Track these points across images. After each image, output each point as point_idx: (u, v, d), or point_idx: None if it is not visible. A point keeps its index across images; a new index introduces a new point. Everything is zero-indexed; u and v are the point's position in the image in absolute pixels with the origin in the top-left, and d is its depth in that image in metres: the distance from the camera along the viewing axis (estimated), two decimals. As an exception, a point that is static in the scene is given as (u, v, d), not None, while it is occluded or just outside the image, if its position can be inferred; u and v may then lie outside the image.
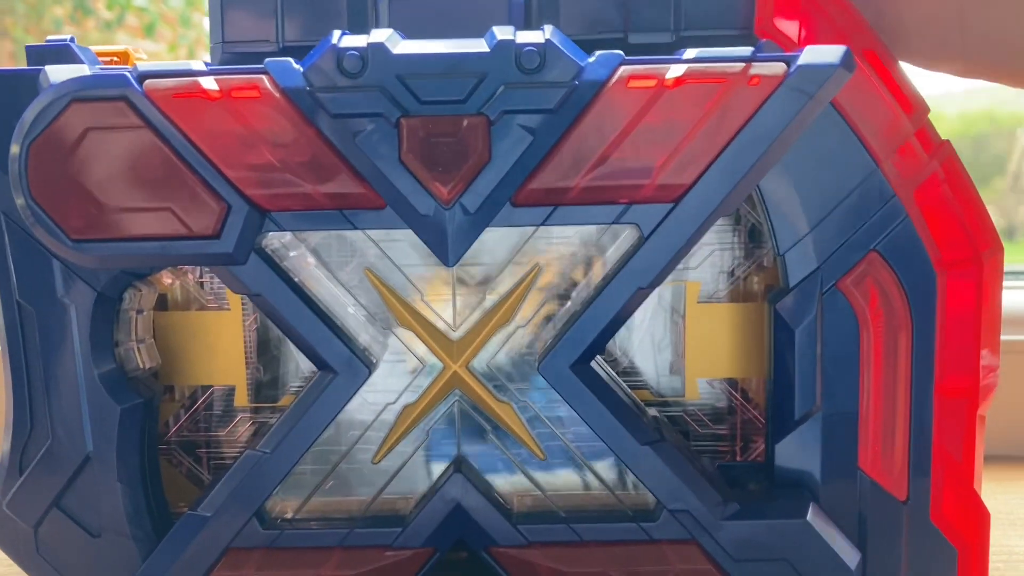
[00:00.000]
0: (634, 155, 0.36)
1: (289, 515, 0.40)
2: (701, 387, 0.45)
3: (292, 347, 0.45)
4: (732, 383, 0.45)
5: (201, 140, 0.36)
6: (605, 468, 0.40)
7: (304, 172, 0.36)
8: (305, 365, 0.45)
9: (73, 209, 0.36)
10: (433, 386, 0.39)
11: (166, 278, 0.45)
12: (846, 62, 0.35)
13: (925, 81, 0.40)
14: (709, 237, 0.44)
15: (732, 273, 0.44)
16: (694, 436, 0.45)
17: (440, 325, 0.39)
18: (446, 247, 0.36)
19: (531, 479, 0.40)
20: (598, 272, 0.39)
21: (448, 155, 0.35)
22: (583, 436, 0.39)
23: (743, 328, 0.43)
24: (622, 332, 0.45)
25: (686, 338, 0.44)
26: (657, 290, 0.44)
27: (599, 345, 0.38)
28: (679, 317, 0.44)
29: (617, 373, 0.44)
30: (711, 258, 0.44)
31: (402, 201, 0.36)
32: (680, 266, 0.44)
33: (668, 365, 0.45)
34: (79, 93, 0.35)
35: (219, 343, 0.44)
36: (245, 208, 0.36)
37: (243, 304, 0.44)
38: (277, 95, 0.35)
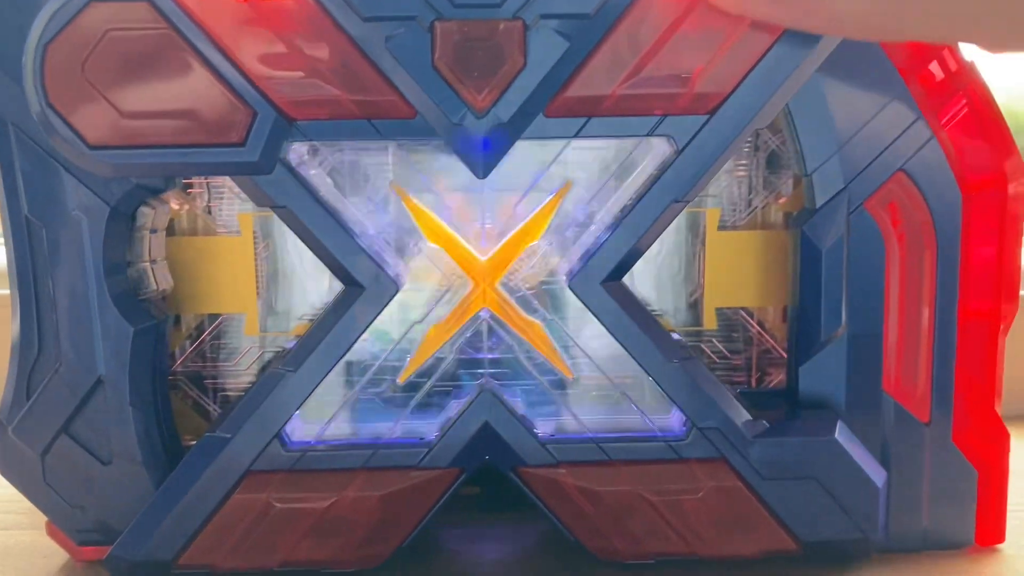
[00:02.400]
0: (670, 64, 0.35)
1: (312, 440, 0.39)
2: (721, 318, 0.45)
3: (302, 277, 0.44)
4: (748, 315, 0.45)
5: (228, 43, 0.35)
6: (634, 388, 0.39)
7: (333, 78, 0.35)
8: (315, 297, 0.44)
9: (91, 114, 0.35)
10: (462, 304, 0.38)
11: (173, 203, 0.43)
12: (882, -26, 0.35)
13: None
14: (727, 164, 0.44)
15: (750, 202, 0.44)
16: (711, 366, 0.45)
17: (467, 242, 0.38)
18: (479, 157, 0.36)
19: (559, 400, 0.39)
20: (630, 188, 0.38)
21: (482, 60, 0.35)
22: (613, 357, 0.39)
23: (763, 256, 0.43)
24: (638, 263, 0.45)
25: (705, 266, 0.44)
26: (679, 217, 0.44)
27: (631, 261, 0.38)
28: (698, 246, 0.44)
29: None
30: (728, 185, 0.44)
31: (433, 109, 0.35)
32: (701, 192, 0.43)
33: (685, 296, 0.45)
34: (99, -8, 0.34)
35: (230, 270, 0.43)
36: (272, 115, 0.35)
37: (255, 230, 0.43)
38: (307, -4, 0.34)
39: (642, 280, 0.44)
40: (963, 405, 0.40)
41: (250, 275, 0.43)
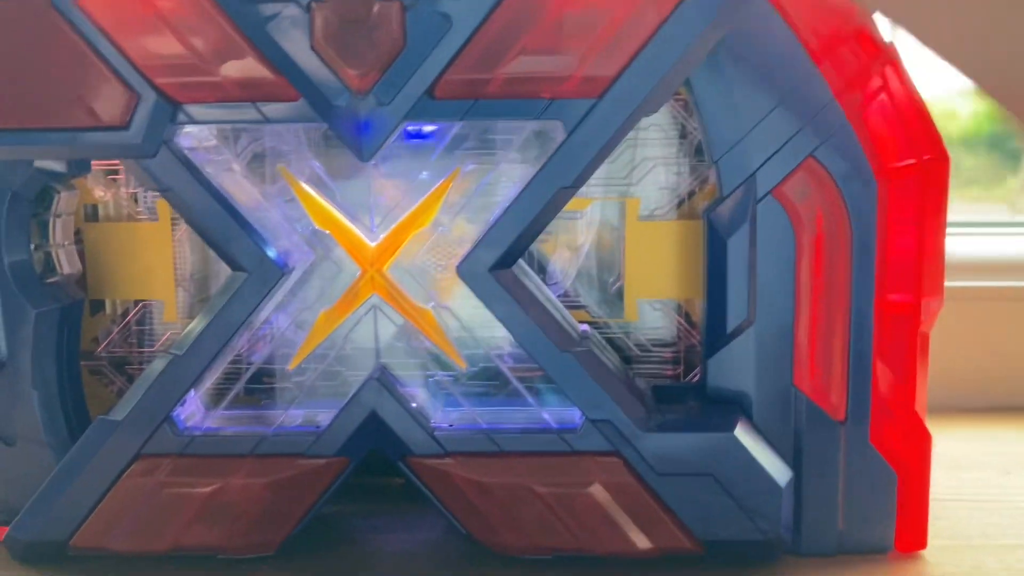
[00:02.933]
0: (556, 44, 0.34)
1: (203, 425, 0.39)
2: (646, 311, 0.44)
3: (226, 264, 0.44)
4: (677, 308, 0.44)
5: (110, 27, 0.35)
6: (528, 380, 0.38)
7: (215, 61, 0.35)
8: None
9: (-22, 96, 0.35)
10: (351, 290, 0.38)
11: (98, 191, 0.44)
12: (776, -49, 0.34)
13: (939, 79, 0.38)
14: (652, 152, 0.43)
15: (676, 191, 0.43)
16: (635, 360, 0.44)
17: (358, 228, 0.38)
18: (361, 140, 0.35)
19: (449, 390, 0.39)
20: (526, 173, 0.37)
21: (361, 42, 0.34)
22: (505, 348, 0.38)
23: (686, 247, 0.42)
24: (564, 253, 0.44)
25: (625, 257, 0.43)
26: (598, 208, 0.43)
27: (520, 247, 0.37)
28: (620, 236, 0.43)
29: (558, 297, 0.43)
30: (653, 174, 0.43)
31: (315, 91, 0.35)
32: (622, 180, 0.42)
33: (609, 288, 0.44)
34: (-18, -27, 0.34)
35: (148, 256, 0.43)
36: (154, 97, 0.35)
37: (173, 217, 0.43)
38: (186, -22, 0.34)
39: (565, 271, 0.44)
40: (881, 403, 0.38)
41: (168, 261, 0.43)
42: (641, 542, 0.37)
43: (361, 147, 0.35)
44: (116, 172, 0.44)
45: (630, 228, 0.42)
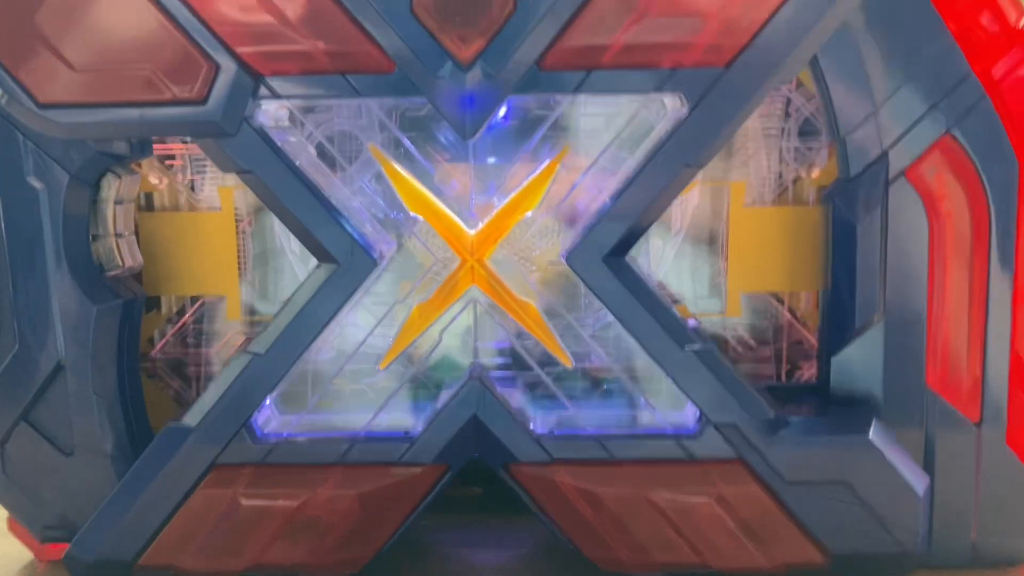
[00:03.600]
0: (680, 9, 0.31)
1: (284, 433, 0.35)
2: (745, 307, 0.41)
3: (291, 258, 0.41)
4: (779, 301, 0.41)
5: (186, -11, 0.31)
6: (644, 380, 0.35)
7: (302, 27, 0.32)
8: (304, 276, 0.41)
9: (41, 69, 0.32)
10: (448, 282, 0.34)
11: (153, 177, 0.40)
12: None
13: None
14: (755, 133, 0.39)
15: (780, 175, 0.40)
16: (735, 358, 0.41)
17: (455, 214, 0.34)
18: (464, 115, 0.32)
19: (555, 390, 0.35)
20: (638, 152, 0.34)
21: (468, 6, 0.31)
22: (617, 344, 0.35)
23: (794, 235, 0.39)
24: (655, 243, 0.41)
25: (728, 246, 0.39)
26: (696, 194, 0.40)
27: (636, 233, 0.33)
28: (720, 224, 0.40)
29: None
30: (756, 157, 0.40)
31: (413, 62, 0.32)
32: (721, 165, 0.39)
33: (707, 280, 0.41)
34: (48, -65, 0.31)
35: (210, 248, 0.40)
36: (235, 68, 0.32)
37: (237, 206, 0.40)
38: (274, -64, 0.31)
39: (659, 262, 0.40)
40: (1019, 402, 0.35)
41: (231, 254, 0.40)
42: (767, 556, 0.34)
43: (465, 124, 0.32)
44: (172, 157, 0.40)
45: (735, 214, 0.39)
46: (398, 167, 0.34)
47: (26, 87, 0.32)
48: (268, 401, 0.35)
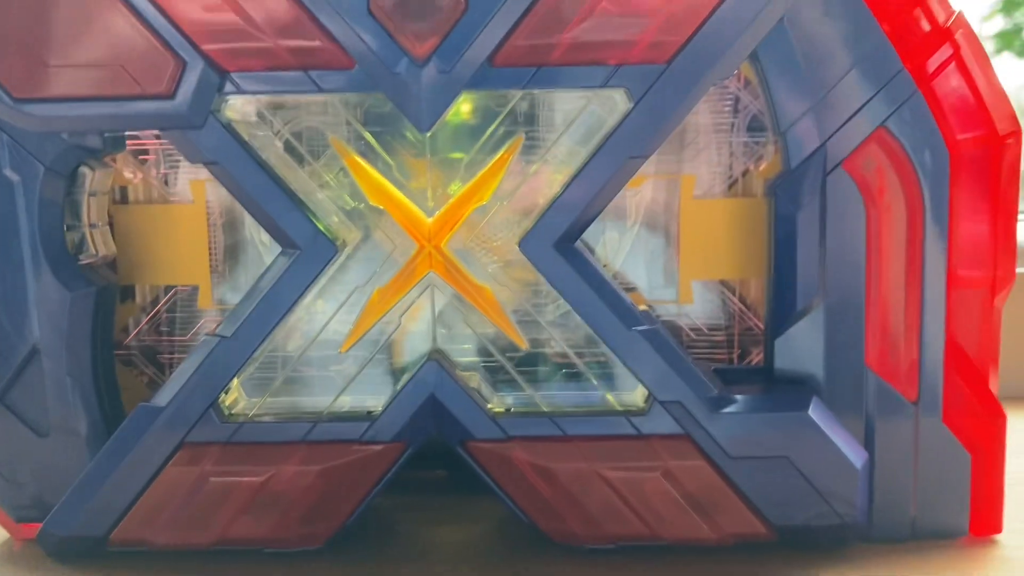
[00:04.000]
0: (624, 9, 0.33)
1: (250, 413, 0.37)
2: (697, 294, 0.42)
3: (260, 249, 0.42)
4: (730, 290, 0.42)
5: (155, -11, 0.33)
6: (592, 361, 0.37)
7: (266, 26, 0.33)
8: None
9: (15, 64, 0.33)
10: (407, 267, 0.36)
11: (127, 171, 0.42)
12: (853, -92, 0.32)
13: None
14: (705, 128, 0.41)
15: (730, 168, 0.42)
16: (688, 344, 0.42)
17: (414, 203, 0.36)
18: (420, 109, 0.34)
19: (511, 372, 0.37)
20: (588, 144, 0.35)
21: (422, 5, 0.33)
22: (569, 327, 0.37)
23: (742, 225, 0.41)
24: (611, 235, 0.43)
25: (680, 236, 0.41)
26: (650, 186, 0.42)
27: (585, 221, 0.35)
28: (672, 216, 0.42)
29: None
30: (707, 151, 0.41)
31: (372, 59, 0.33)
32: (674, 159, 0.41)
33: (661, 270, 0.42)
34: (22, -63, 0.33)
35: (182, 239, 0.41)
36: (201, 65, 0.33)
37: (208, 199, 0.41)
38: (237, -61, 0.33)
39: (614, 253, 0.42)
40: (954, 383, 0.37)
41: (203, 245, 0.42)
42: (712, 528, 0.36)
43: (421, 117, 0.34)
44: (146, 152, 0.42)
45: (685, 206, 0.41)
46: (358, 158, 0.36)
47: (1, 83, 0.33)
48: (235, 383, 0.37)
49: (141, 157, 0.42)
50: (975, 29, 0.37)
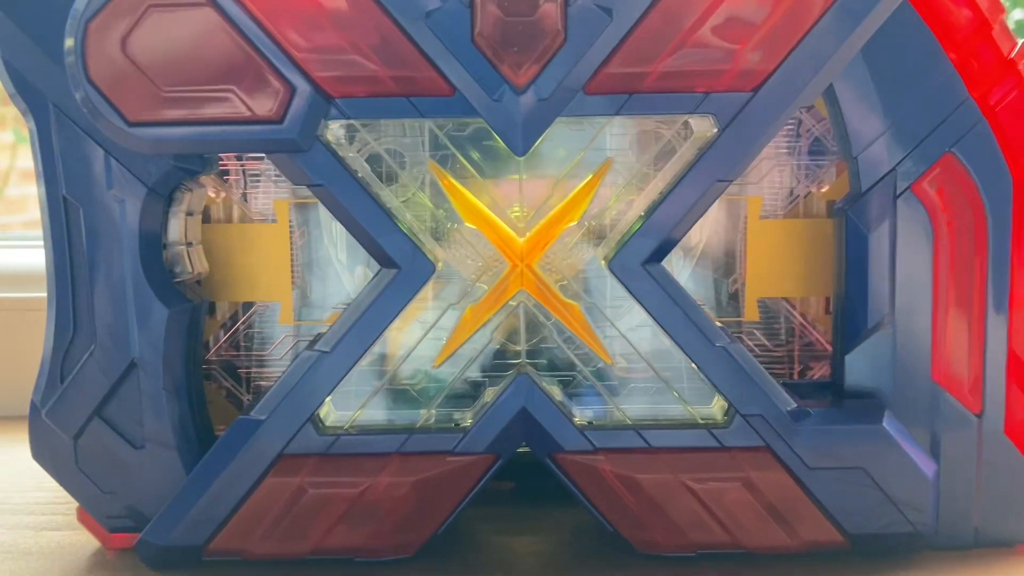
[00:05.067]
0: (714, 39, 0.35)
1: (345, 425, 0.38)
2: (760, 309, 0.44)
3: (337, 267, 0.44)
4: (791, 307, 0.44)
5: (267, 19, 0.34)
6: (676, 376, 0.38)
7: (371, 54, 0.35)
8: (351, 286, 0.44)
9: (132, 90, 0.35)
10: (499, 285, 0.37)
11: (211, 190, 0.43)
12: (927, -48, 0.34)
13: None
14: (768, 151, 0.43)
15: (792, 190, 0.43)
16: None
17: (506, 223, 0.38)
18: (518, 135, 0.35)
19: (597, 385, 0.39)
20: (671, 169, 0.37)
21: (523, 36, 0.34)
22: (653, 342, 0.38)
23: (806, 245, 0.42)
24: (676, 254, 0.44)
25: (747, 255, 0.43)
26: (715, 207, 0.43)
27: (672, 242, 0.37)
28: (736, 235, 0.43)
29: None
30: (770, 174, 0.43)
31: (472, 86, 0.35)
32: (737, 180, 0.43)
33: (725, 288, 0.44)
34: (140, -30, 0.34)
35: (265, 257, 0.43)
36: (310, 91, 0.35)
37: (290, 218, 0.43)
38: (347, -28, 0.34)
39: (681, 270, 0.44)
40: (1016, 396, 0.39)
41: (285, 263, 0.43)
42: (791, 536, 0.37)
43: (518, 142, 0.35)
44: (227, 173, 0.43)
45: (752, 226, 0.43)
46: (454, 180, 0.37)
47: (118, 107, 0.35)
48: (330, 397, 0.38)
49: (224, 177, 0.43)
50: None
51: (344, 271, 0.44)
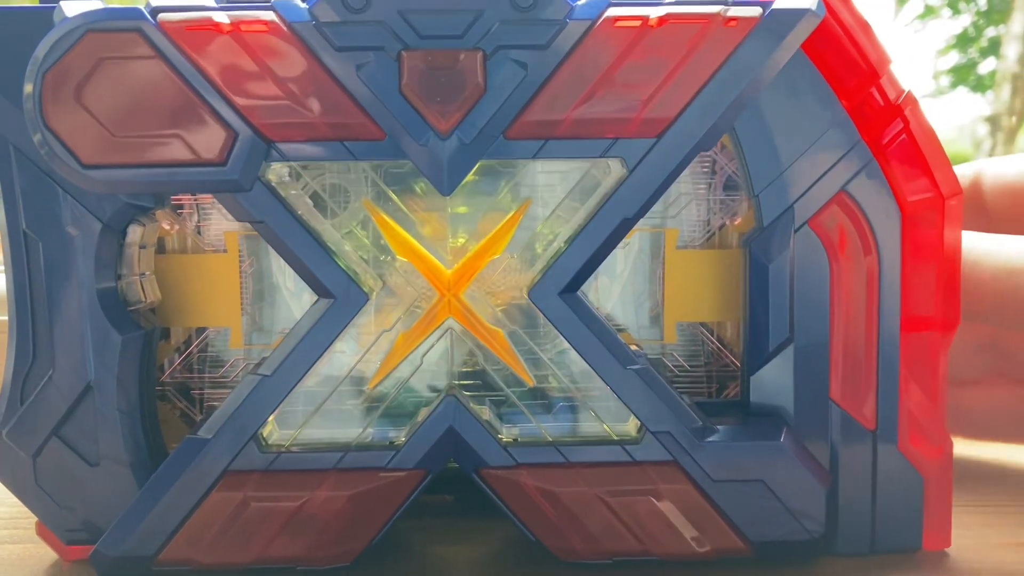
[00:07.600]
0: (620, 91, 0.38)
1: (286, 444, 0.41)
2: (679, 335, 0.47)
3: (285, 294, 0.47)
4: (708, 330, 0.47)
5: (211, 70, 0.37)
6: (602, 396, 0.42)
7: (308, 103, 0.38)
8: (297, 312, 0.47)
9: (86, 135, 0.38)
10: (428, 314, 0.41)
11: (165, 223, 0.46)
12: (817, 8, 0.38)
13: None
14: (686, 187, 0.46)
15: (708, 222, 0.47)
16: (672, 379, 0.47)
17: (435, 257, 0.41)
18: (443, 177, 0.38)
19: (519, 405, 0.42)
20: (594, 201, 0.40)
21: (446, 87, 0.38)
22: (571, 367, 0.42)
23: (719, 274, 0.46)
24: (603, 281, 0.47)
25: (665, 282, 0.46)
26: (637, 239, 0.47)
27: (586, 273, 0.40)
28: (658, 264, 0.47)
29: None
30: (688, 208, 0.47)
31: (401, 132, 0.38)
32: (659, 214, 0.46)
33: (647, 312, 0.47)
34: (94, 25, 0.37)
35: (216, 285, 0.46)
36: (251, 136, 0.38)
37: (240, 248, 0.46)
38: (284, 29, 0.37)
39: (606, 297, 0.47)
40: (908, 413, 0.42)
41: (235, 291, 0.46)
42: (698, 544, 0.40)
43: (443, 183, 0.38)
44: (182, 207, 0.46)
45: (669, 256, 0.46)
46: (387, 217, 0.40)
47: (73, 151, 0.38)
48: (271, 417, 0.41)
49: (178, 210, 0.46)
50: (931, 64, 0.43)
51: (292, 298, 0.47)
